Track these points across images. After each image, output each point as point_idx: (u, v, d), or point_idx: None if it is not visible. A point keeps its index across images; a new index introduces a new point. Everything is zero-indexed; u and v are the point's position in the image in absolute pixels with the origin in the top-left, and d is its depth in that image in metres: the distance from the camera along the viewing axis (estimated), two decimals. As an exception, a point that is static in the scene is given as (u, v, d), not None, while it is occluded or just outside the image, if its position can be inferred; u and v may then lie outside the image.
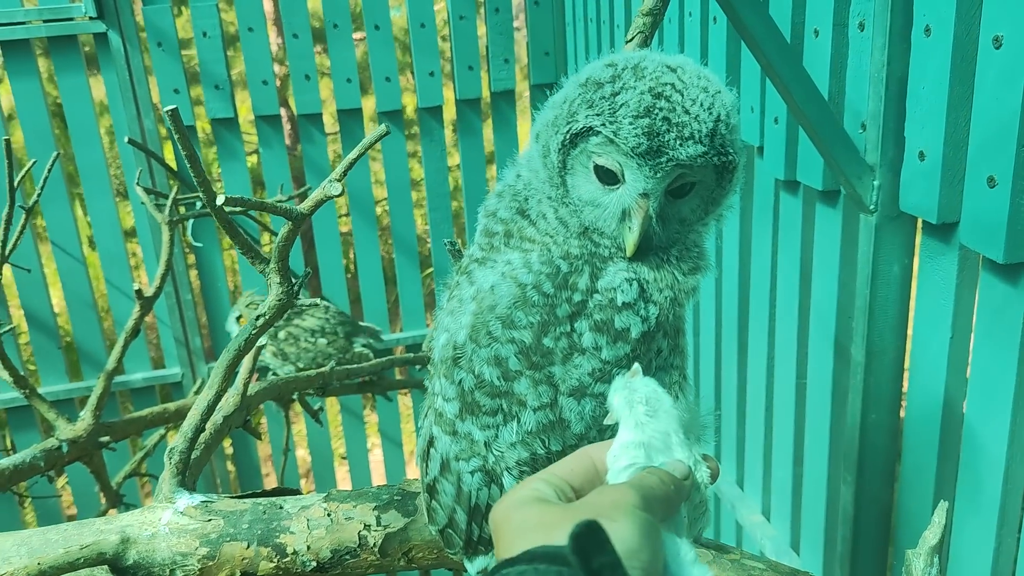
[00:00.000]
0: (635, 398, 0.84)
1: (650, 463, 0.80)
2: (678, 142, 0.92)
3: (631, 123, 0.92)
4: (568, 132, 0.97)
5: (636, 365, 0.91)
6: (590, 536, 0.62)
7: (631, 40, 1.36)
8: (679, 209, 1.01)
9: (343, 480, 4.57)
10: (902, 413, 1.80)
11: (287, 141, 5.23)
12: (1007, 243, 1.34)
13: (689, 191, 0.99)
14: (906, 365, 1.78)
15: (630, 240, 0.97)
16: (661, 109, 0.92)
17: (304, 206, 1.25)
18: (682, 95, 0.93)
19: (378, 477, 4.87)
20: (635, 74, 0.94)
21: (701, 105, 0.93)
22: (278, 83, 5.17)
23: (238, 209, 1.22)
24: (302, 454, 4.91)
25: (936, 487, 1.65)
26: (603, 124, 0.94)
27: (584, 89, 0.97)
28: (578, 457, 0.82)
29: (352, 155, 1.23)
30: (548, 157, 1.01)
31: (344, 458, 4.11)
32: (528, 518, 0.72)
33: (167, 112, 1.10)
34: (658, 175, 0.94)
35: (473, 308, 1.02)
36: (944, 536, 1.39)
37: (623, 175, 0.96)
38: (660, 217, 0.98)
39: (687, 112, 0.92)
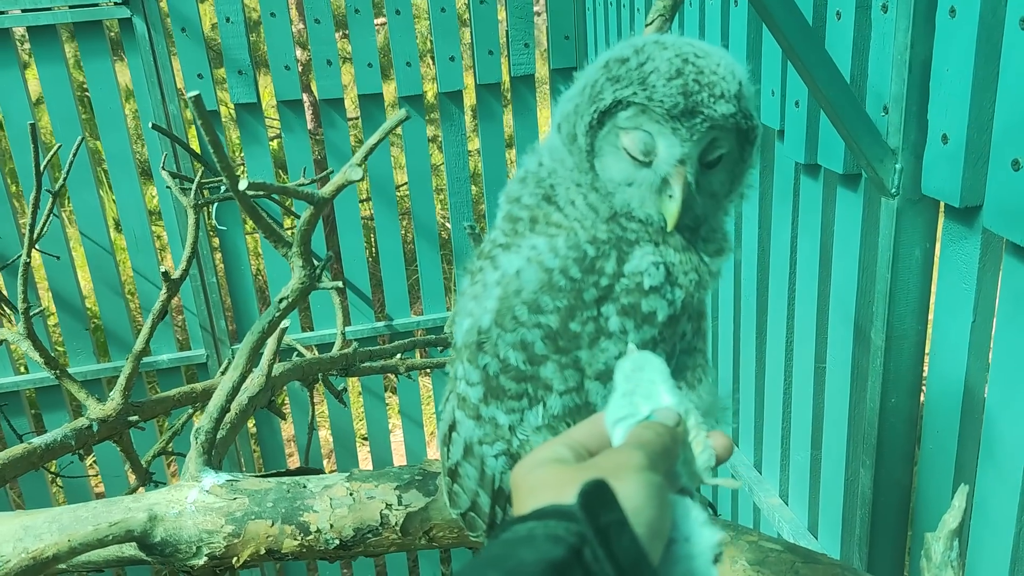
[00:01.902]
0: (625, 359, 0.88)
1: (638, 412, 0.82)
2: (711, 100, 0.93)
3: (665, 85, 0.93)
4: (595, 111, 0.97)
5: (631, 344, 0.94)
6: (598, 494, 0.64)
7: (651, 23, 1.36)
8: (710, 182, 1.01)
9: (364, 461, 4.63)
10: (922, 398, 1.79)
11: (309, 126, 5.26)
12: (1030, 227, 1.33)
13: (718, 162, 0.99)
14: (927, 350, 1.78)
15: (672, 208, 0.96)
16: (691, 71, 0.94)
17: (326, 190, 1.27)
18: (706, 60, 0.95)
19: (399, 458, 4.93)
20: (658, 46, 0.96)
21: (724, 68, 0.95)
22: (300, 68, 5.19)
23: (261, 193, 1.24)
24: (324, 435, 4.97)
25: (956, 471, 1.65)
26: (634, 93, 0.94)
27: (606, 69, 0.98)
28: (593, 421, 0.84)
29: (372, 140, 1.24)
30: (575, 143, 1.00)
31: (365, 439, 4.16)
32: (542, 478, 0.74)
33: (191, 98, 1.12)
34: (694, 137, 0.94)
35: (498, 293, 1.02)
36: (964, 520, 1.39)
37: (655, 147, 0.96)
38: (697, 188, 0.98)
39: (715, 73, 0.94)
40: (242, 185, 1.17)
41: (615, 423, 0.81)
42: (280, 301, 1.41)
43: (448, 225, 4.19)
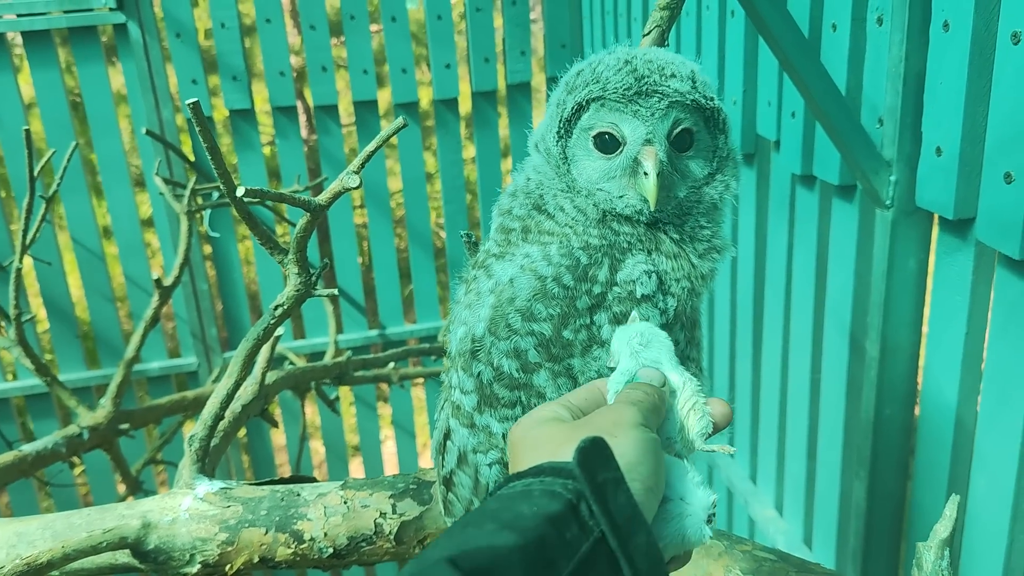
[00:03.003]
0: (631, 331, 0.91)
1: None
2: (663, 79, 0.99)
3: (615, 73, 1.00)
4: (560, 120, 1.03)
5: (634, 312, 0.96)
6: (595, 452, 0.65)
7: (648, 34, 1.37)
8: (687, 164, 1.04)
9: (356, 471, 4.60)
10: (916, 409, 1.80)
11: (303, 132, 5.25)
12: (1024, 239, 1.34)
13: (690, 145, 1.03)
14: (921, 361, 1.78)
15: (649, 184, 0.98)
16: (639, 59, 1.01)
17: (322, 198, 1.27)
18: (654, 53, 1.03)
19: (391, 468, 4.91)
20: (607, 54, 1.04)
21: (674, 57, 1.03)
22: (295, 74, 5.19)
23: (257, 200, 1.24)
24: (315, 445, 4.95)
25: (950, 482, 1.65)
26: (589, 90, 1.01)
27: (565, 85, 1.06)
28: (589, 388, 0.87)
29: (370, 147, 1.24)
30: (551, 156, 1.05)
31: (357, 449, 4.14)
32: (539, 435, 0.76)
33: (188, 105, 1.11)
34: (655, 116, 0.99)
35: (492, 301, 1.03)
36: (955, 530, 1.39)
37: (622, 135, 1.00)
38: (672, 168, 1.01)
39: (662, 59, 1.01)
40: (239, 191, 1.17)
41: (615, 383, 0.85)
42: (275, 308, 1.40)
43: (443, 233, 4.19)
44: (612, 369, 0.91)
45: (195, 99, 1.13)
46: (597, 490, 0.63)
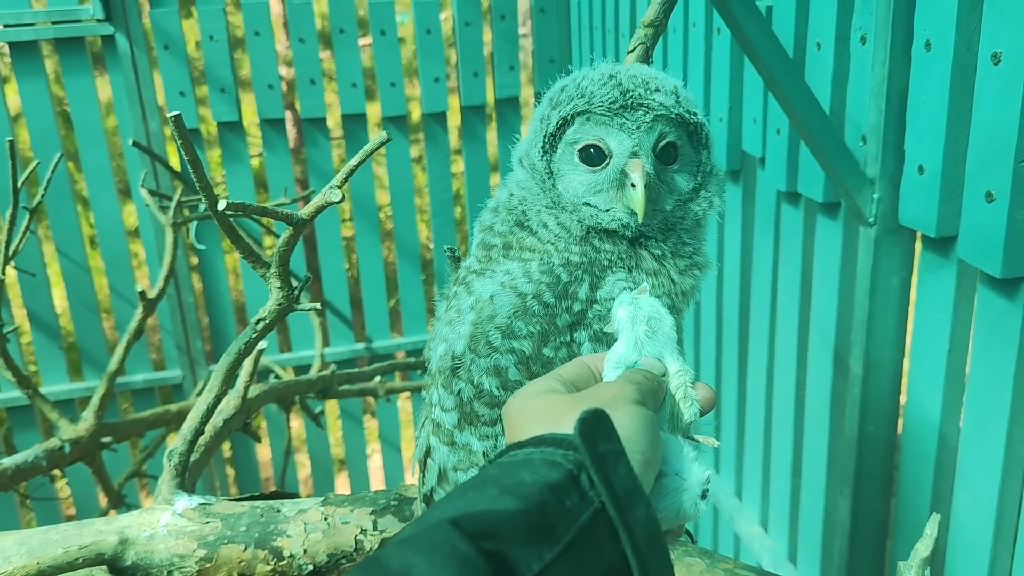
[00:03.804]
0: (639, 315, 0.90)
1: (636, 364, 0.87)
2: (648, 92, 1.00)
3: (601, 88, 1.01)
4: (545, 135, 1.03)
5: (645, 283, 0.96)
6: (596, 423, 0.66)
7: (633, 51, 1.37)
8: (672, 178, 1.04)
9: (342, 486, 4.57)
10: (900, 426, 1.80)
11: (292, 144, 5.24)
12: (1004, 257, 1.35)
13: (675, 159, 1.04)
14: (904, 378, 1.79)
15: (637, 196, 0.98)
16: (624, 74, 1.02)
17: (305, 212, 1.26)
18: (637, 69, 1.04)
19: (377, 483, 4.87)
20: (590, 71, 1.05)
21: (657, 73, 1.04)
22: (285, 87, 5.19)
23: (239, 213, 1.23)
24: (301, 459, 4.92)
25: (933, 500, 1.65)
26: (575, 105, 1.01)
27: (549, 100, 1.06)
28: (578, 363, 0.88)
29: (353, 162, 1.24)
30: (535, 171, 1.05)
31: (343, 464, 4.12)
32: (538, 406, 0.77)
33: (171, 118, 1.11)
34: (641, 128, 1.00)
35: (472, 318, 1.02)
36: (938, 547, 1.39)
37: (608, 149, 1.01)
38: (659, 180, 1.02)
39: (646, 74, 1.02)
40: (221, 205, 1.16)
41: (614, 368, 0.85)
42: (257, 322, 1.39)
43: (431, 246, 4.19)
44: (609, 336, 0.92)
45: (177, 112, 1.12)
46: (598, 461, 0.64)
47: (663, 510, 0.77)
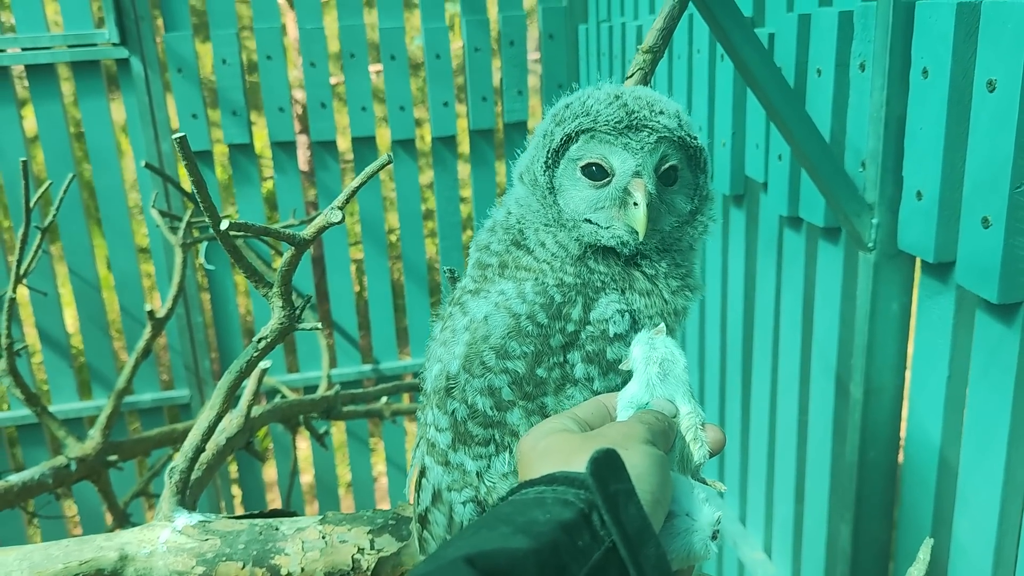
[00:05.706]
0: (653, 356, 0.92)
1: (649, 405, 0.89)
2: (652, 115, 1.02)
3: (607, 108, 1.02)
4: (548, 151, 1.05)
5: (661, 324, 0.98)
6: (607, 463, 0.67)
7: (631, 76, 1.39)
8: (671, 200, 1.06)
9: (348, 508, 4.57)
10: (900, 452, 1.79)
11: (305, 167, 5.30)
12: (1001, 283, 1.35)
13: (675, 180, 1.06)
14: (905, 404, 1.78)
15: (639, 214, 0.99)
16: (628, 95, 1.04)
17: (306, 232, 1.28)
18: (641, 90, 1.06)
19: (383, 505, 4.86)
20: (594, 90, 1.07)
21: (660, 96, 1.06)
22: (298, 110, 5.25)
23: (243, 233, 1.25)
24: (308, 479, 4.92)
25: (934, 525, 1.64)
26: (579, 123, 1.03)
27: (553, 117, 1.08)
28: (594, 403, 0.90)
29: (355, 183, 1.26)
30: (537, 186, 1.06)
31: (349, 484, 4.12)
32: (550, 445, 0.78)
33: (175, 140, 1.13)
34: (645, 149, 1.01)
35: (466, 338, 1.03)
36: (937, 574, 1.38)
37: (611, 167, 1.02)
38: (659, 201, 1.04)
39: (651, 96, 1.04)
40: (224, 225, 1.18)
41: (626, 408, 0.87)
42: (259, 341, 1.41)
43: (438, 269, 4.21)
44: (623, 374, 0.93)
45: (182, 134, 1.15)
46: (609, 501, 0.65)
47: (674, 551, 0.78)
